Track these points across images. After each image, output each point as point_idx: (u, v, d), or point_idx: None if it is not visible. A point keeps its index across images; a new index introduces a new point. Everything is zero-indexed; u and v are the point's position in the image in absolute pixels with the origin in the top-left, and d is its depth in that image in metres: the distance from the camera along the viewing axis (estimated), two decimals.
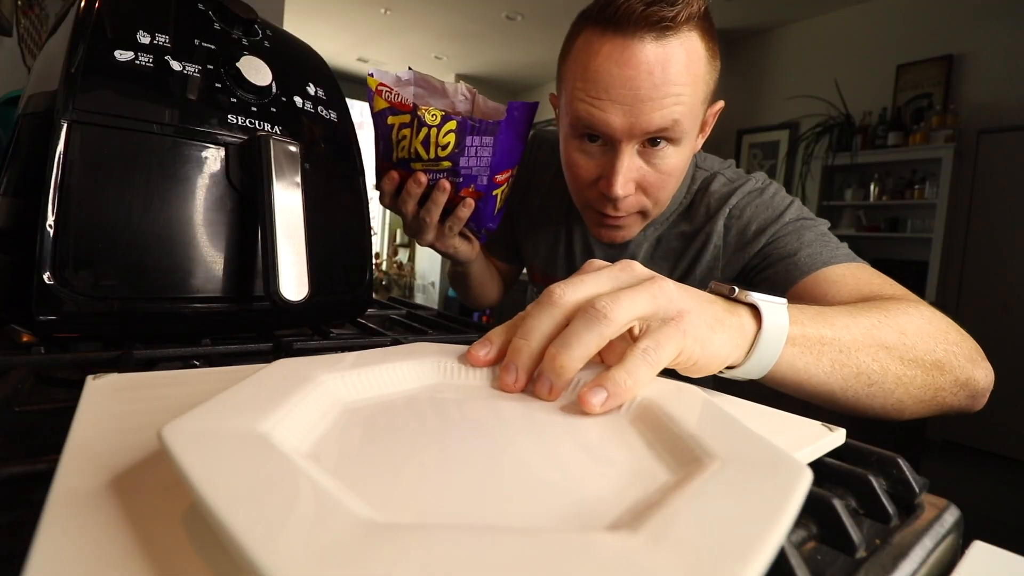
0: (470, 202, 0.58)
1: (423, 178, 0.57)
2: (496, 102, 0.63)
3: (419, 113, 0.53)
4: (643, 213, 0.62)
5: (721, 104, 0.63)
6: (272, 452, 0.17)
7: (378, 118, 0.58)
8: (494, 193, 0.58)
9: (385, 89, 0.56)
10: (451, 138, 0.53)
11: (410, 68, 0.61)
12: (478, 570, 0.12)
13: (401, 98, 0.56)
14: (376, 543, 0.13)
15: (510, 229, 0.84)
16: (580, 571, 0.12)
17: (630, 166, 0.56)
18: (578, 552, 0.13)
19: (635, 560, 0.13)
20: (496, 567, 0.12)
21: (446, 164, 0.54)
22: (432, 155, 0.54)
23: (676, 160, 0.57)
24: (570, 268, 0.75)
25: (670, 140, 0.55)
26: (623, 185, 0.56)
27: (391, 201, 0.62)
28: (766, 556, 0.13)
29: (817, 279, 0.54)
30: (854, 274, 0.54)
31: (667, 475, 0.20)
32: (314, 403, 0.23)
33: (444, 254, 0.68)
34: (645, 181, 0.57)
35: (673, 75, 0.51)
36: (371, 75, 0.58)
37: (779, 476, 0.17)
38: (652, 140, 0.55)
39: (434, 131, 0.53)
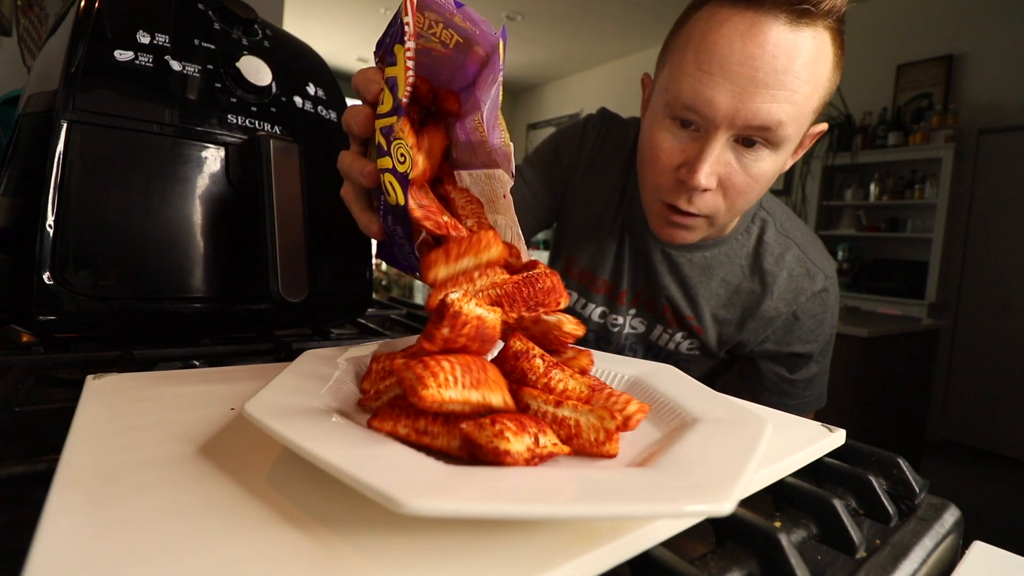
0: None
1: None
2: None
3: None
4: (711, 219, 0.56)
5: (825, 126, 0.57)
6: (342, 423, 0.21)
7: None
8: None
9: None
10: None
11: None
12: (545, 490, 0.16)
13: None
14: (461, 477, 0.16)
15: (552, 205, 0.75)
16: (615, 491, 0.16)
17: (720, 157, 0.51)
18: (610, 479, 0.17)
19: (653, 481, 0.17)
20: (553, 489, 0.16)
21: (386, 106, 0.30)
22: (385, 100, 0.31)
23: (769, 167, 0.52)
24: (616, 273, 0.71)
25: (768, 143, 0.50)
26: (707, 175, 0.50)
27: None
28: (744, 481, 0.17)
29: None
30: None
31: (659, 433, 0.25)
32: (351, 387, 0.27)
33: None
34: (730, 181, 0.52)
35: (797, 67, 0.47)
36: None
37: (749, 428, 0.22)
38: (747, 141, 0.50)
39: (400, 52, 0.29)
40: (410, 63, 0.28)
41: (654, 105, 0.56)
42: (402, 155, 0.29)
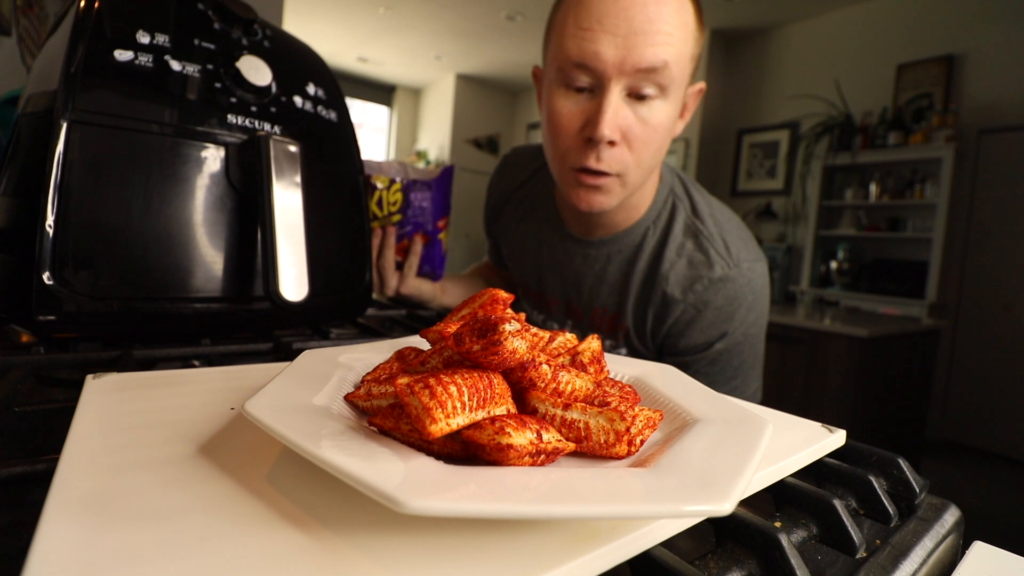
0: (418, 239, 0.71)
1: (378, 228, 0.70)
2: (422, 168, 0.75)
3: (372, 181, 0.68)
4: (623, 178, 0.58)
5: (703, 85, 0.64)
6: (342, 422, 0.21)
7: None
8: (439, 237, 0.73)
9: None
10: (398, 196, 0.69)
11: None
12: (545, 490, 0.16)
13: None
14: (461, 477, 0.16)
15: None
16: (615, 491, 0.16)
17: (617, 108, 0.54)
18: (610, 479, 0.17)
19: (650, 483, 0.17)
20: (553, 489, 0.16)
21: (396, 217, 0.70)
22: (385, 212, 0.69)
23: (663, 116, 0.56)
24: (539, 276, 0.75)
25: (660, 88, 0.54)
26: (609, 124, 0.53)
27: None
28: (744, 481, 0.17)
29: None
30: None
31: (659, 434, 0.24)
32: (351, 388, 0.27)
33: (410, 298, 0.73)
34: (632, 133, 0.55)
35: (665, 14, 0.52)
36: None
37: (749, 428, 0.22)
38: (639, 95, 0.54)
39: (384, 192, 0.69)
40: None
41: (548, 82, 0.59)
42: (382, 181, 0.69)
